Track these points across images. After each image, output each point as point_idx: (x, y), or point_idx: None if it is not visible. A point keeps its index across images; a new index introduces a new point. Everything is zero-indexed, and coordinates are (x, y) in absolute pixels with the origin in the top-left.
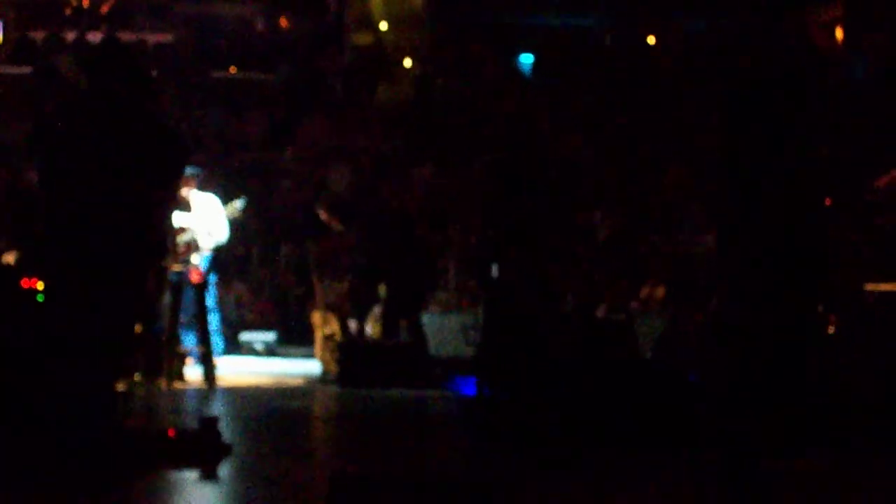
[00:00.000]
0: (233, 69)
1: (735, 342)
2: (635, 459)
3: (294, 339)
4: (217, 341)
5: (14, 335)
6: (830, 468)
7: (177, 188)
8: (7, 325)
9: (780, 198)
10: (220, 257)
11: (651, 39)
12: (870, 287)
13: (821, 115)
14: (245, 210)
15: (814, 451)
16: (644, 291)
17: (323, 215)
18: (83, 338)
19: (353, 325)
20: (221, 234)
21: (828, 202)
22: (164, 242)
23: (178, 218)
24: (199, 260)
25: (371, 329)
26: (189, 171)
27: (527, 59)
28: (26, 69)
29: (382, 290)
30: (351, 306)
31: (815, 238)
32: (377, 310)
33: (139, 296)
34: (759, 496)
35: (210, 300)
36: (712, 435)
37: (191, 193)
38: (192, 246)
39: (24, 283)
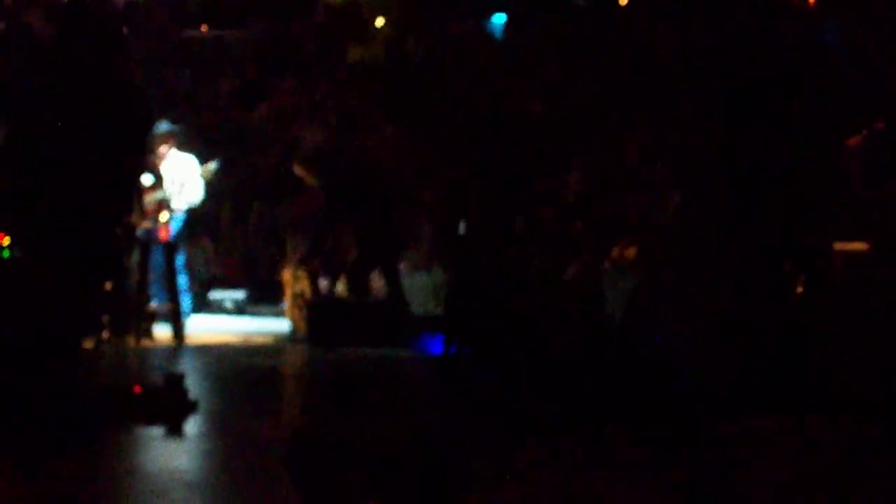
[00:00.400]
0: (204, 28)
1: (705, 303)
2: (597, 419)
3: (264, 297)
4: (186, 299)
5: None
6: (789, 428)
7: (144, 146)
8: None
9: (754, 158)
10: (193, 217)
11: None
12: (838, 246)
13: (793, 76)
14: (217, 170)
15: (777, 412)
16: (615, 252)
17: (298, 170)
18: (50, 295)
19: (323, 283)
20: (195, 194)
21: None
22: (131, 200)
23: (149, 176)
24: (168, 218)
25: (341, 287)
26: (166, 127)
27: (499, 19)
28: None
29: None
30: (321, 264)
31: (790, 199)
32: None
33: (107, 253)
34: (714, 456)
35: (180, 259)
36: (674, 394)
37: (169, 151)
38: (164, 204)
39: None
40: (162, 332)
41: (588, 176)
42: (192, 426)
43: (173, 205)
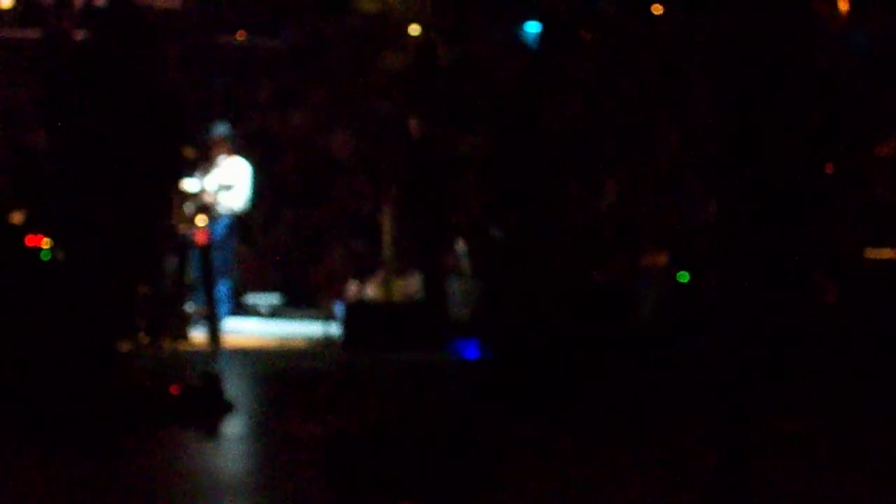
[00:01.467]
0: (240, 34)
1: (735, 310)
2: (628, 421)
3: (299, 301)
4: (222, 303)
5: (19, 293)
6: (820, 430)
7: (180, 151)
8: (12, 281)
9: (781, 167)
10: (237, 221)
11: (656, 9)
12: (870, 254)
13: (823, 85)
14: (252, 175)
15: (809, 414)
16: (645, 259)
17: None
18: (87, 297)
19: (354, 287)
20: (241, 199)
21: (829, 170)
22: (169, 204)
23: (195, 180)
24: (206, 222)
25: (373, 291)
26: (221, 131)
27: (532, 28)
28: (33, 32)
29: (387, 252)
30: (353, 268)
31: (816, 207)
32: (381, 272)
33: (144, 256)
34: (745, 455)
35: (221, 262)
36: (706, 399)
37: (222, 155)
38: (206, 208)
39: (29, 240)
40: (198, 335)
41: (620, 182)
42: (228, 427)
43: (219, 208)
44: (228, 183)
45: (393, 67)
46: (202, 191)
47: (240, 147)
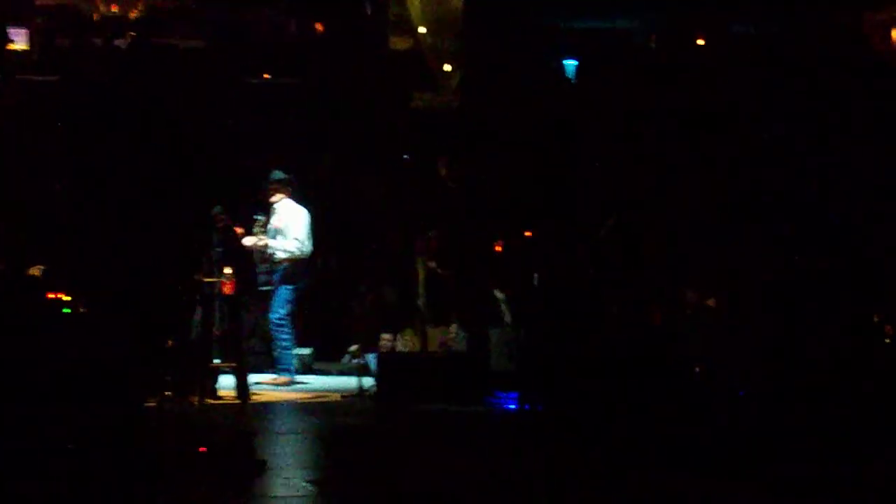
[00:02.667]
0: (266, 75)
1: (789, 354)
2: (684, 476)
3: (330, 354)
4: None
5: (39, 348)
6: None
7: (206, 200)
8: (32, 337)
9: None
10: (291, 270)
11: (700, 41)
12: None
13: (876, 116)
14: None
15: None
16: (692, 298)
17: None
18: (111, 352)
19: (386, 337)
20: (297, 246)
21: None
22: (198, 257)
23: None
24: (231, 273)
25: (404, 343)
26: (279, 176)
27: (570, 64)
28: (53, 77)
29: (422, 301)
30: (383, 318)
31: (871, 245)
32: (415, 322)
33: (169, 310)
34: None
35: (279, 308)
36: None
37: (281, 200)
38: (266, 257)
39: (49, 295)
40: (226, 390)
41: (665, 221)
42: (260, 487)
43: (274, 255)
44: (283, 227)
45: (424, 106)
46: (258, 238)
47: (296, 192)
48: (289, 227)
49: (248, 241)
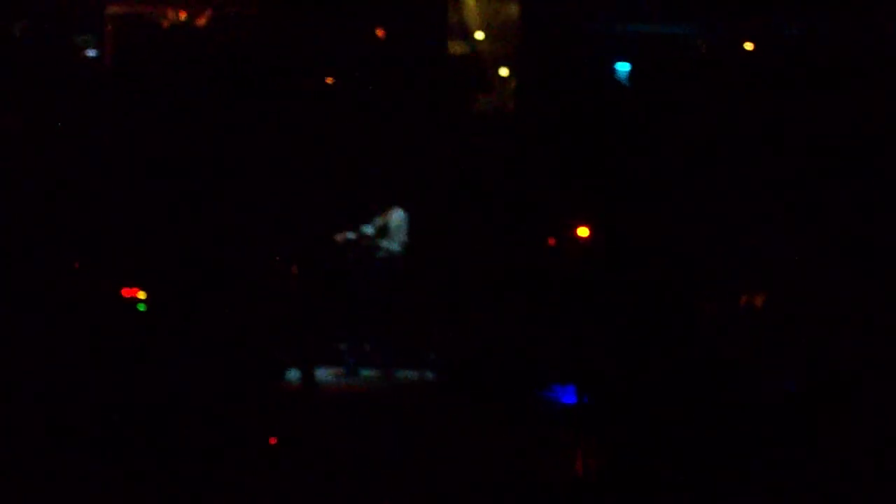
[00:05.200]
0: (329, 80)
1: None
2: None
3: (392, 347)
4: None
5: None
6: None
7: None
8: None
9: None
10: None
11: (748, 45)
12: None
13: None
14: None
15: None
16: (744, 300)
17: None
18: (187, 348)
19: (446, 330)
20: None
21: None
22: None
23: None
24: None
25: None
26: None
27: (623, 68)
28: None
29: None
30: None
31: None
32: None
33: (246, 306)
34: None
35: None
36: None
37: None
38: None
39: (125, 292)
40: (294, 381)
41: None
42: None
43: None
44: (386, 227)
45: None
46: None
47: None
48: (392, 228)
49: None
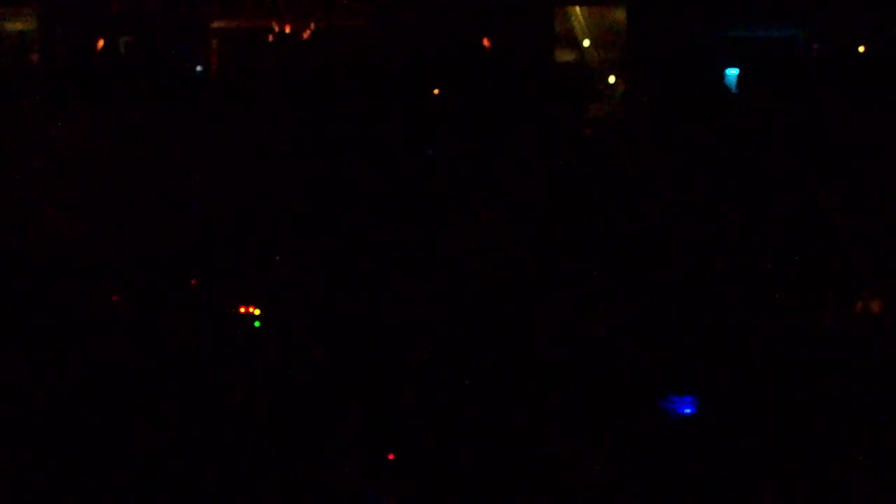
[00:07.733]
0: (436, 91)
1: None
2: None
3: None
4: None
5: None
6: None
7: None
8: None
9: None
10: None
11: (861, 49)
12: None
13: None
14: None
15: None
16: (858, 306)
17: None
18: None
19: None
20: None
21: None
22: None
23: None
24: None
25: None
26: None
27: (731, 73)
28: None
29: None
30: None
31: None
32: None
33: None
34: None
35: None
36: None
37: None
38: None
39: (242, 308)
40: None
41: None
42: None
43: None
44: None
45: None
46: None
47: None
48: None
49: None
